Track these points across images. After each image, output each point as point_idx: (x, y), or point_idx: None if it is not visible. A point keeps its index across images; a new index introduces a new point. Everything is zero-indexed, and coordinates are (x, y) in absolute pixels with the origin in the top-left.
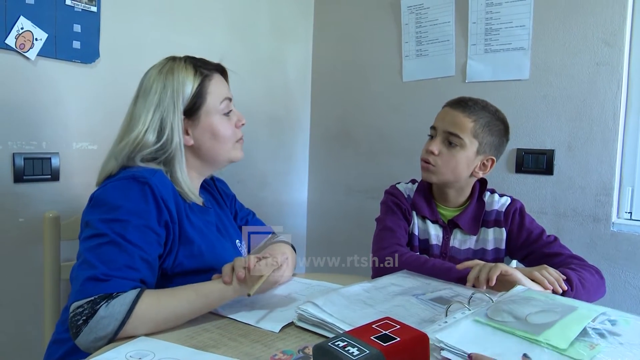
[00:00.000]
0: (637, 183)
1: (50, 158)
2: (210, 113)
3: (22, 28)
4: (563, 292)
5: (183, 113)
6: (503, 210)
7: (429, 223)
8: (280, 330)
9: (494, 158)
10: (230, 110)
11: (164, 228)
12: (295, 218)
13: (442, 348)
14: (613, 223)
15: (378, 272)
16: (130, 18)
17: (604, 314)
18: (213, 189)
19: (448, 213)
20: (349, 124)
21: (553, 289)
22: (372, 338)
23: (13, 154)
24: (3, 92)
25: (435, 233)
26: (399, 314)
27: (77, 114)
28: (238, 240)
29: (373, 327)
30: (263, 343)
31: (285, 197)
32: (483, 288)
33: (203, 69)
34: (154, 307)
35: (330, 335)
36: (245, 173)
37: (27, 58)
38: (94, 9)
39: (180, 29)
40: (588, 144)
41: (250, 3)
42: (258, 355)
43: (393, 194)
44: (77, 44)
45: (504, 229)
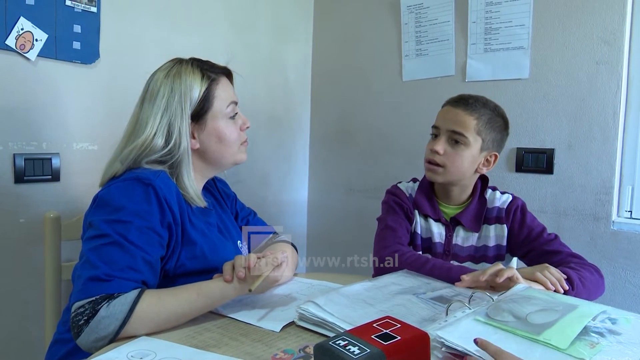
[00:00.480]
0: (637, 182)
1: (51, 158)
2: (217, 117)
3: (22, 29)
4: (564, 291)
5: (190, 117)
6: (505, 207)
7: (432, 221)
8: (281, 330)
9: (497, 153)
10: (236, 114)
11: (167, 230)
12: (296, 218)
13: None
14: (613, 222)
15: (379, 272)
16: (130, 18)
17: (605, 313)
18: (214, 190)
19: (450, 211)
20: (349, 124)
21: (555, 289)
22: (373, 337)
23: (14, 155)
24: (3, 92)
25: (438, 231)
26: (400, 313)
27: (77, 115)
28: (239, 241)
29: (374, 326)
30: (264, 342)
31: (286, 196)
32: (482, 278)
33: (210, 73)
34: (155, 306)
35: (331, 335)
36: (246, 173)
37: (27, 59)
38: (94, 10)
39: (180, 30)
40: (588, 143)
41: (250, 3)
42: (259, 355)
43: (395, 194)
44: (77, 45)
45: (505, 226)
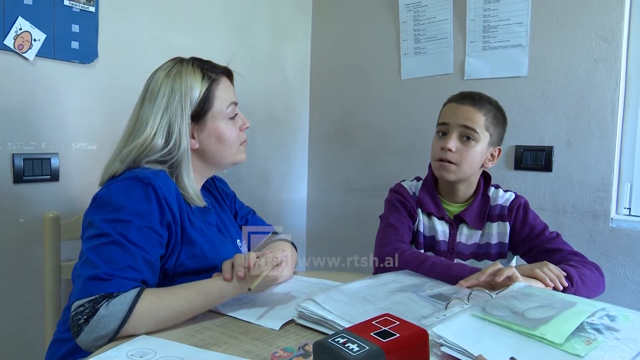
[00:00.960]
0: (635, 179)
1: (50, 158)
2: (217, 117)
3: (20, 29)
4: (564, 288)
5: (190, 117)
6: (507, 205)
7: (435, 220)
8: (281, 328)
9: (501, 148)
10: (236, 114)
11: (166, 229)
12: (295, 217)
13: (441, 344)
14: (612, 219)
15: (379, 272)
16: (129, 18)
17: (603, 310)
18: (213, 189)
19: (453, 209)
20: (348, 123)
21: (554, 286)
22: (372, 334)
23: (12, 155)
24: (2, 93)
25: (442, 229)
26: (399, 311)
27: (76, 114)
28: (239, 240)
29: (373, 323)
30: (263, 341)
31: (285, 195)
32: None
33: (211, 73)
34: (154, 305)
35: (331, 333)
36: (245, 172)
37: (25, 59)
38: (92, 9)
39: (179, 29)
40: (587, 141)
41: (249, 2)
42: (259, 353)
43: (398, 192)
44: (75, 44)
45: (508, 223)
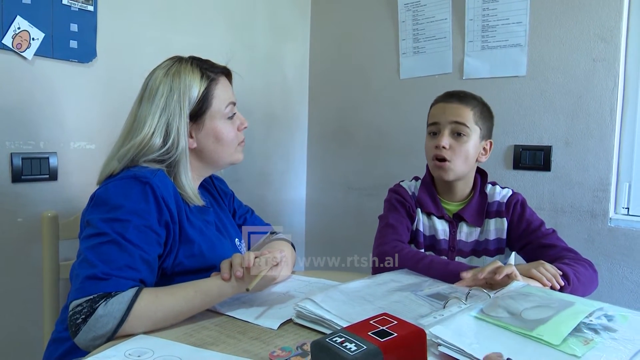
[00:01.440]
0: (634, 178)
1: (48, 158)
2: (215, 117)
3: (18, 28)
4: (561, 287)
5: (188, 117)
6: (505, 201)
7: (435, 219)
8: (279, 327)
9: (492, 141)
10: (234, 114)
11: (164, 228)
12: (294, 216)
13: (439, 343)
14: (610, 218)
15: (378, 271)
16: (127, 17)
17: (601, 310)
18: (212, 188)
19: (452, 207)
20: (347, 122)
21: (551, 285)
22: (369, 334)
23: (11, 154)
24: (0, 92)
25: (442, 228)
26: (397, 310)
27: (74, 114)
28: (237, 239)
29: (370, 323)
30: (262, 340)
31: (284, 195)
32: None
33: (209, 72)
34: (153, 305)
35: (329, 332)
36: (244, 171)
37: (24, 58)
38: (91, 8)
39: (178, 28)
40: (585, 140)
41: (248, 2)
42: (256, 352)
43: (397, 192)
44: (74, 44)
45: (505, 219)
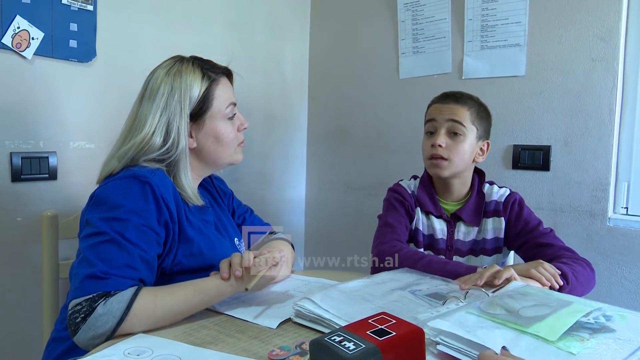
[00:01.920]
0: (633, 178)
1: (48, 157)
2: (215, 117)
3: (18, 27)
4: (560, 287)
5: (189, 116)
6: (502, 201)
7: (433, 218)
8: (278, 327)
9: (489, 142)
10: (234, 115)
11: (164, 227)
12: (293, 216)
13: (437, 342)
14: (609, 218)
15: (377, 272)
16: (127, 16)
17: (599, 309)
18: (211, 187)
19: (450, 207)
20: (346, 121)
21: (550, 285)
22: (368, 333)
23: (10, 153)
24: (0, 91)
25: (440, 227)
26: (396, 309)
27: (74, 113)
28: (237, 239)
29: (369, 322)
30: (261, 339)
31: (283, 194)
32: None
33: (211, 73)
34: (152, 304)
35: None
36: (243, 171)
37: (23, 57)
38: (90, 8)
39: (177, 27)
40: (584, 140)
41: (247, 1)
42: (255, 351)
43: (397, 191)
44: (73, 43)
45: (503, 219)
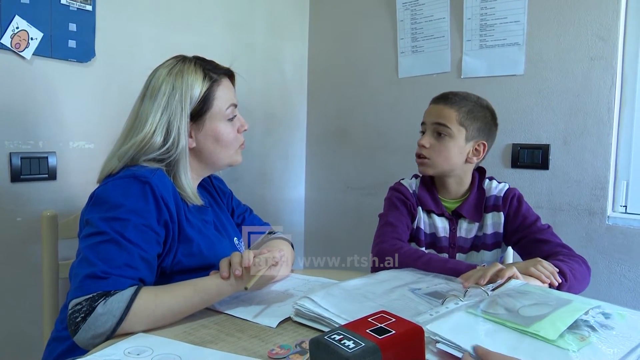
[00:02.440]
0: (631, 177)
1: (47, 157)
2: (215, 118)
3: (17, 27)
4: (558, 284)
5: (189, 116)
6: (501, 195)
7: (435, 217)
8: (278, 326)
9: (485, 142)
10: (235, 116)
11: (164, 227)
12: (293, 215)
13: (437, 341)
14: (608, 217)
15: (377, 271)
16: (126, 17)
17: (598, 308)
18: (210, 187)
19: (451, 205)
20: (346, 121)
21: (549, 283)
22: (367, 331)
23: (10, 154)
24: None
25: (442, 225)
26: (396, 308)
27: (73, 113)
28: (236, 238)
29: (369, 320)
30: (260, 338)
31: (283, 194)
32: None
33: (212, 73)
34: (151, 303)
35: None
36: (243, 171)
37: (22, 57)
38: (89, 8)
39: (176, 27)
40: (583, 139)
41: (247, 1)
42: (255, 350)
43: (398, 190)
44: (72, 43)
45: (502, 213)
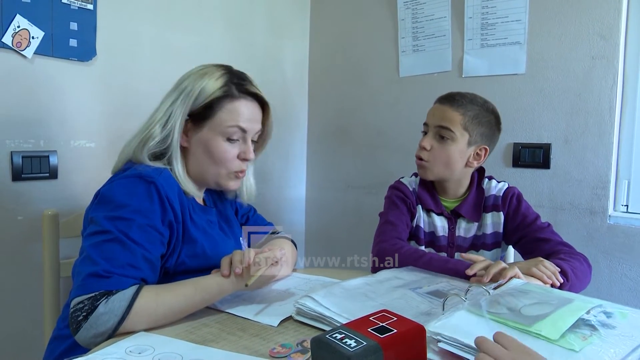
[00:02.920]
0: (633, 176)
1: (49, 156)
2: (215, 130)
3: (18, 26)
4: (560, 284)
5: (190, 114)
6: (501, 195)
7: (434, 215)
8: (279, 324)
9: (487, 147)
10: (237, 140)
11: (168, 228)
12: (294, 215)
13: (438, 340)
14: (609, 216)
15: (376, 270)
16: (127, 16)
17: (600, 307)
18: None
19: (450, 204)
20: (347, 120)
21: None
22: (369, 330)
23: (11, 153)
24: (0, 91)
25: (441, 224)
26: (398, 307)
27: (74, 112)
28: (241, 238)
29: (370, 319)
30: (262, 337)
31: (284, 193)
32: (486, 280)
33: (234, 87)
34: (153, 302)
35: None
36: None
37: (24, 56)
38: (90, 7)
39: (177, 27)
40: (584, 138)
41: (247, 0)
42: (257, 349)
43: (398, 188)
44: (73, 42)
45: (502, 213)
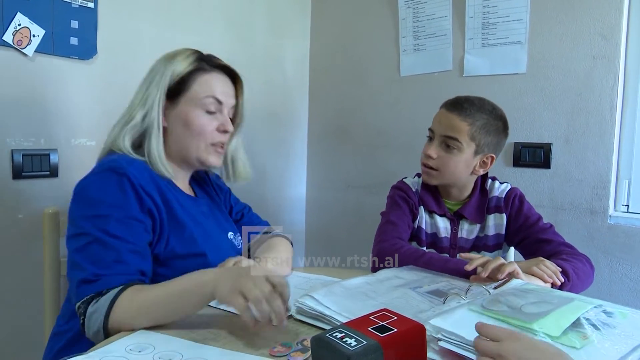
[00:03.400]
0: (634, 176)
1: (49, 154)
2: (190, 103)
3: (19, 24)
4: (561, 284)
5: (166, 93)
6: (503, 196)
7: (437, 217)
8: None
9: (494, 155)
10: (214, 112)
11: (149, 216)
12: (294, 214)
13: (439, 339)
14: (610, 216)
15: (376, 270)
16: (128, 14)
17: (600, 307)
18: (207, 183)
19: (453, 206)
20: (347, 120)
21: (552, 282)
22: (369, 329)
23: (12, 151)
24: (1, 88)
25: (444, 226)
26: (398, 306)
27: (75, 110)
28: (232, 232)
29: (370, 318)
30: (262, 336)
31: (284, 193)
32: (484, 275)
33: (204, 62)
34: (137, 295)
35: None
36: None
37: (24, 54)
38: (91, 5)
39: (178, 26)
40: (585, 137)
41: None
42: (257, 348)
43: (401, 189)
44: (74, 40)
45: (504, 214)
